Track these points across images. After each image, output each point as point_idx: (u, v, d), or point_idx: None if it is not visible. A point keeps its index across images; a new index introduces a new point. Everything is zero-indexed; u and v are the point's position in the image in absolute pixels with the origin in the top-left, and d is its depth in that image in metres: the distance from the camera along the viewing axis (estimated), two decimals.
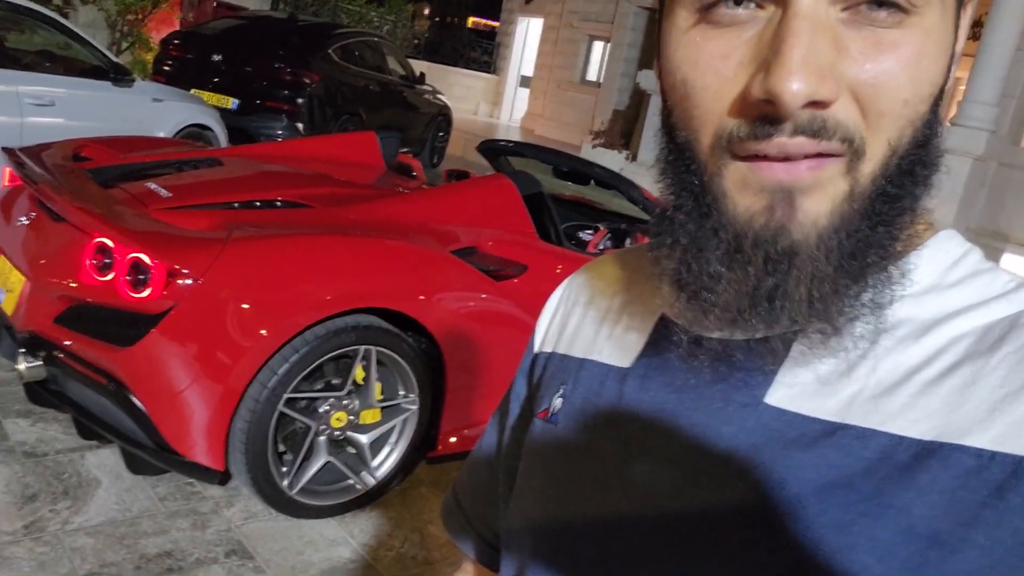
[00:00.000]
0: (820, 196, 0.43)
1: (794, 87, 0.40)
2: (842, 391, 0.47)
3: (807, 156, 0.43)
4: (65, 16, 8.53)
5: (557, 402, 0.61)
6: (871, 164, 0.44)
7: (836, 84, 0.42)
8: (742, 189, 0.45)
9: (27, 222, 2.72)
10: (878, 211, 0.45)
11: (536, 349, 0.69)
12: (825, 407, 0.47)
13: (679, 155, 0.48)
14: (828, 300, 0.44)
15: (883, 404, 0.46)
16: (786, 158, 0.43)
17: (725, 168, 0.45)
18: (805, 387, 0.48)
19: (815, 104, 0.41)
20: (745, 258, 0.45)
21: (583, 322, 0.65)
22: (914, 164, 0.45)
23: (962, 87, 8.83)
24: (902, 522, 0.42)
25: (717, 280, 0.46)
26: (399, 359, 2.60)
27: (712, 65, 0.45)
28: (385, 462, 2.70)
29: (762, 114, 0.43)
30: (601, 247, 3.73)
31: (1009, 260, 8.15)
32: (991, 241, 8.21)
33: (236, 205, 2.82)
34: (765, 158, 0.43)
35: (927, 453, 0.43)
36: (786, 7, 0.42)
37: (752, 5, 0.44)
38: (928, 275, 0.49)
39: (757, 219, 0.44)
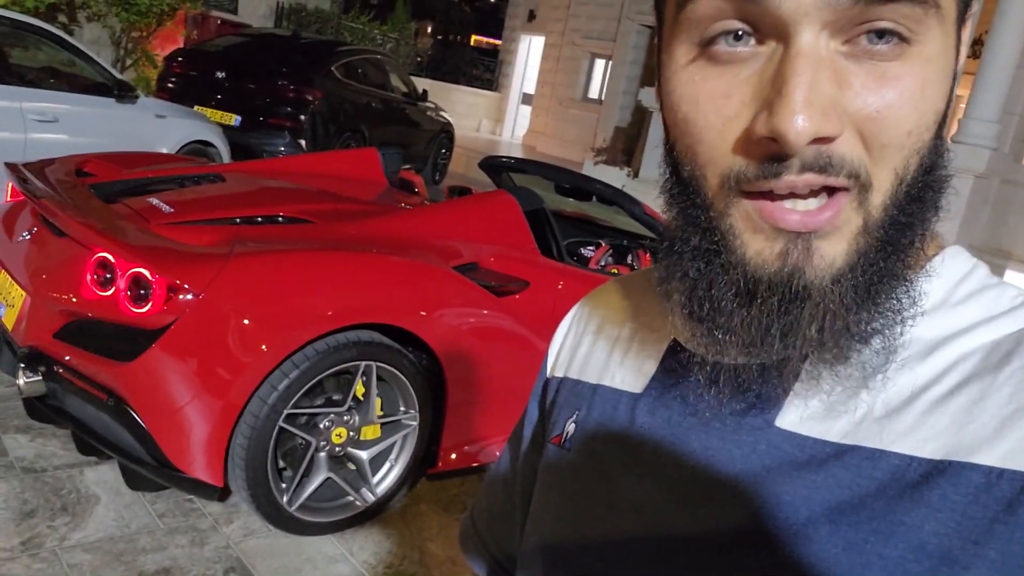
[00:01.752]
0: (837, 237, 0.43)
1: (798, 126, 0.40)
2: (851, 412, 0.47)
3: (813, 192, 0.43)
4: (70, 33, 8.60)
5: (570, 428, 0.62)
6: (880, 195, 0.44)
7: (840, 119, 0.41)
8: (753, 231, 0.44)
9: (29, 237, 2.72)
10: (891, 240, 0.45)
11: (548, 374, 0.70)
12: (835, 429, 0.47)
13: (683, 188, 0.48)
14: (839, 335, 0.44)
15: (892, 424, 0.46)
16: (792, 194, 0.43)
17: (734, 206, 0.45)
18: (815, 410, 0.48)
19: (820, 140, 0.41)
20: (759, 300, 0.45)
21: (594, 348, 0.65)
22: (923, 190, 0.45)
23: (963, 104, 8.86)
24: (913, 540, 0.42)
25: (730, 317, 0.46)
26: (400, 375, 2.60)
27: (714, 104, 0.44)
28: (385, 479, 2.69)
29: (767, 153, 0.42)
30: (603, 263, 3.73)
31: (1012, 277, 8.14)
32: (994, 258, 8.20)
33: (238, 220, 2.82)
34: (772, 194, 0.43)
35: (937, 472, 0.43)
36: (787, 44, 0.42)
37: (752, 41, 0.43)
38: (935, 293, 0.49)
39: (771, 263, 0.44)
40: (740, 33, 0.43)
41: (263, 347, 2.31)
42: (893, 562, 0.42)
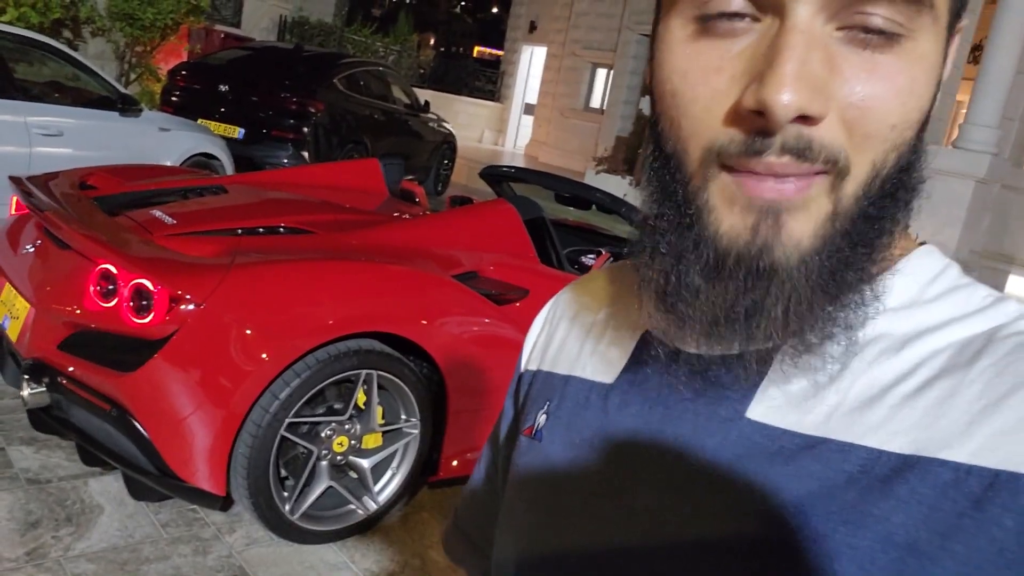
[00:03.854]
0: (805, 217, 0.44)
1: (785, 99, 0.41)
2: (821, 405, 0.47)
3: (791, 175, 0.43)
4: (75, 48, 8.67)
5: (541, 418, 0.61)
6: (854, 184, 0.44)
7: (826, 101, 0.42)
8: (729, 205, 0.45)
9: (33, 250, 2.75)
10: (859, 231, 0.45)
11: (522, 368, 0.70)
12: (805, 421, 0.47)
13: (665, 163, 0.48)
14: (803, 318, 0.45)
15: (862, 417, 0.46)
16: (772, 175, 0.43)
17: (712, 180, 0.45)
18: (785, 401, 0.49)
19: (804, 119, 0.42)
20: (726, 274, 0.45)
21: (568, 338, 0.65)
22: (896, 188, 0.46)
23: (963, 110, 8.87)
24: (881, 531, 0.43)
25: (696, 293, 0.46)
26: (401, 383, 2.61)
27: (704, 77, 0.45)
28: (387, 487, 2.70)
29: (753, 127, 0.43)
30: None
31: (1015, 281, 8.13)
32: (996, 263, 8.20)
33: (240, 231, 2.85)
34: (752, 173, 0.44)
35: (906, 467, 0.43)
36: (783, 20, 0.42)
37: (748, 19, 0.44)
38: (906, 291, 0.50)
39: (742, 237, 0.44)
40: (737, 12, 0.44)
41: (264, 356, 2.33)
42: (861, 552, 0.43)
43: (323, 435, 2.52)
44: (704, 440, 0.50)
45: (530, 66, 18.81)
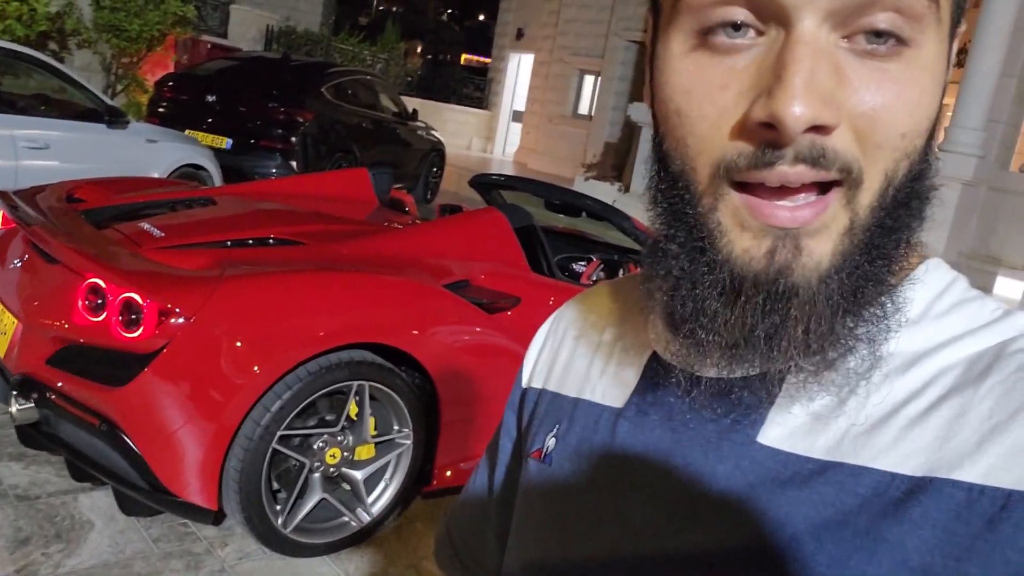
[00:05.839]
0: (824, 237, 0.43)
1: (796, 111, 0.40)
2: (833, 428, 0.47)
3: (805, 186, 0.42)
4: (61, 60, 8.64)
5: (551, 442, 0.61)
6: (868, 195, 0.43)
7: (837, 110, 0.41)
8: (741, 229, 0.44)
9: (20, 264, 2.73)
10: (876, 244, 0.45)
11: (525, 384, 0.69)
12: (817, 445, 0.47)
13: (672, 184, 0.47)
14: (824, 338, 0.44)
15: (873, 440, 0.45)
16: (783, 187, 0.42)
17: (723, 199, 0.44)
18: (797, 425, 0.48)
19: (816, 129, 0.41)
20: (744, 298, 0.44)
21: (574, 357, 0.64)
22: (909, 196, 0.45)
23: (949, 113, 8.94)
24: (896, 557, 0.42)
25: (713, 318, 0.45)
26: (393, 394, 2.60)
27: (709, 95, 0.44)
28: (380, 498, 2.69)
29: (764, 140, 0.42)
30: (594, 278, 3.74)
31: (1002, 283, 8.18)
32: (984, 265, 8.26)
33: (229, 243, 2.83)
34: (763, 187, 0.43)
35: (919, 489, 0.43)
36: (788, 32, 0.42)
37: (751, 32, 0.43)
38: (914, 307, 0.49)
39: (758, 261, 0.43)
40: (740, 24, 0.43)
41: (256, 369, 2.32)
42: None
43: (315, 447, 2.51)
44: (715, 466, 0.49)
45: (518, 73, 18.86)
